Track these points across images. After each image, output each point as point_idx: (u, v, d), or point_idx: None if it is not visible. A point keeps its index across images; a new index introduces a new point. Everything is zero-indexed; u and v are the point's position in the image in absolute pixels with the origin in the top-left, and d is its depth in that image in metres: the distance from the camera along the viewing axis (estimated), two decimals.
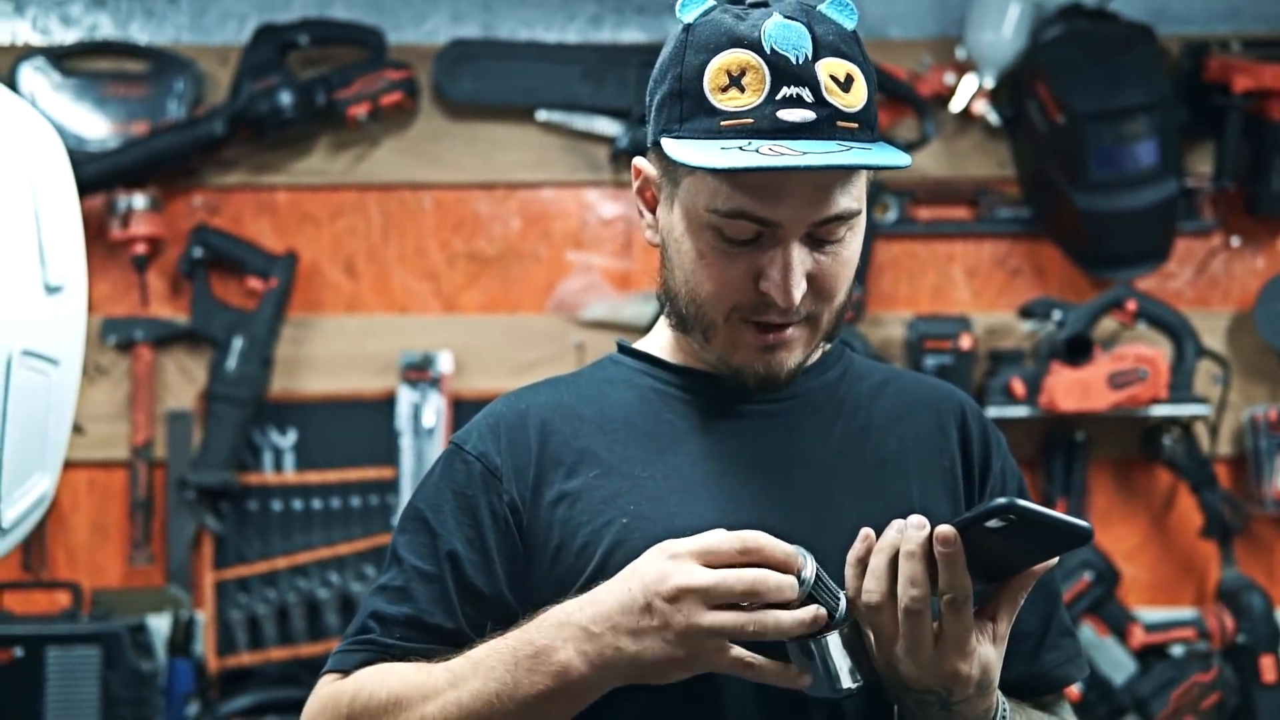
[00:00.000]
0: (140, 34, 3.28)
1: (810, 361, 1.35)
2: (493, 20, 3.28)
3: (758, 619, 1.15)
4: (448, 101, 3.22)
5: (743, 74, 1.24)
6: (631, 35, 3.29)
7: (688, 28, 1.28)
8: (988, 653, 1.19)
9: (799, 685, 1.19)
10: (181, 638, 3.08)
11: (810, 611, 1.17)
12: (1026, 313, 3.14)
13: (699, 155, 1.22)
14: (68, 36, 3.27)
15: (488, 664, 1.21)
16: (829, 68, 1.24)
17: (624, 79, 3.18)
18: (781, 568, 1.17)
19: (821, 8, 1.28)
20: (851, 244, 1.29)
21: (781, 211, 1.24)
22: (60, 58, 3.20)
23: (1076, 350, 3.06)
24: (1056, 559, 1.19)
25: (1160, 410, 3.06)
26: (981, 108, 3.17)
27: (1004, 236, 3.25)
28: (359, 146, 3.23)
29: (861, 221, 1.30)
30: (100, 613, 3.02)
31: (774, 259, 1.25)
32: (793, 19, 1.25)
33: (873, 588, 1.17)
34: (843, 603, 1.19)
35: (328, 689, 1.32)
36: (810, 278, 1.27)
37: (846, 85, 1.24)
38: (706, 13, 1.29)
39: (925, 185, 3.24)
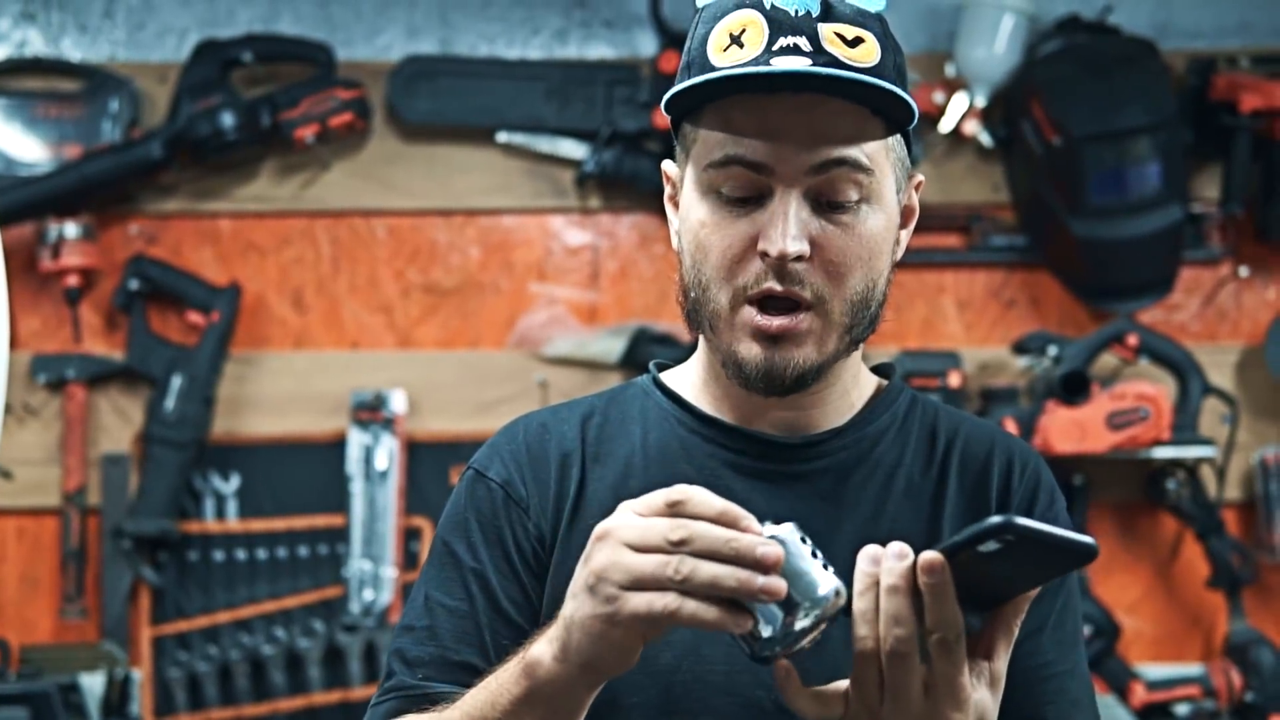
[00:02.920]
0: (73, 50, 3.25)
1: (825, 359, 1.28)
2: (450, 35, 3.26)
3: (681, 562, 1.05)
4: (402, 122, 3.19)
5: (743, 32, 1.25)
6: (599, 51, 3.27)
7: (699, 9, 1.30)
8: (984, 699, 1.09)
9: (740, 629, 1.07)
10: (117, 698, 3.00)
11: (754, 550, 1.03)
12: (1021, 348, 3.12)
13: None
14: None
15: (486, 679, 1.18)
16: (835, 28, 1.24)
17: (591, 98, 3.18)
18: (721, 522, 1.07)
19: None
20: (868, 220, 1.26)
21: (771, 152, 1.23)
22: None
23: (1073, 388, 3.01)
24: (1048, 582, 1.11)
25: (1163, 452, 3.04)
26: (973, 128, 3.15)
27: (998, 266, 3.23)
28: (307, 171, 3.20)
29: (882, 201, 1.27)
30: (29, 671, 2.96)
31: (773, 214, 1.24)
32: None
33: (865, 633, 1.07)
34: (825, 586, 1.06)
35: None
36: (816, 247, 1.24)
37: (853, 44, 1.23)
38: None
39: None
